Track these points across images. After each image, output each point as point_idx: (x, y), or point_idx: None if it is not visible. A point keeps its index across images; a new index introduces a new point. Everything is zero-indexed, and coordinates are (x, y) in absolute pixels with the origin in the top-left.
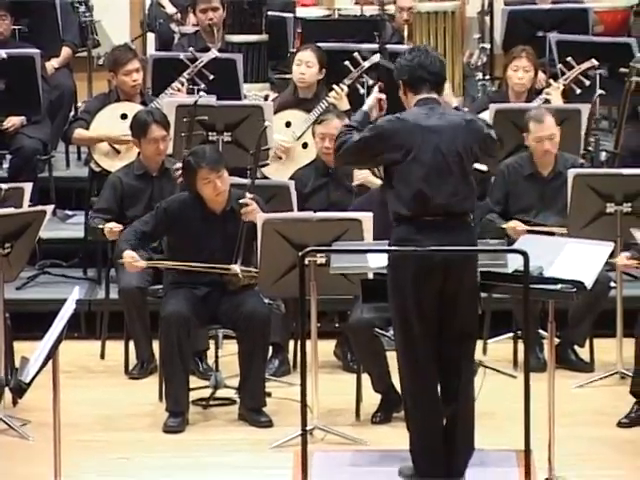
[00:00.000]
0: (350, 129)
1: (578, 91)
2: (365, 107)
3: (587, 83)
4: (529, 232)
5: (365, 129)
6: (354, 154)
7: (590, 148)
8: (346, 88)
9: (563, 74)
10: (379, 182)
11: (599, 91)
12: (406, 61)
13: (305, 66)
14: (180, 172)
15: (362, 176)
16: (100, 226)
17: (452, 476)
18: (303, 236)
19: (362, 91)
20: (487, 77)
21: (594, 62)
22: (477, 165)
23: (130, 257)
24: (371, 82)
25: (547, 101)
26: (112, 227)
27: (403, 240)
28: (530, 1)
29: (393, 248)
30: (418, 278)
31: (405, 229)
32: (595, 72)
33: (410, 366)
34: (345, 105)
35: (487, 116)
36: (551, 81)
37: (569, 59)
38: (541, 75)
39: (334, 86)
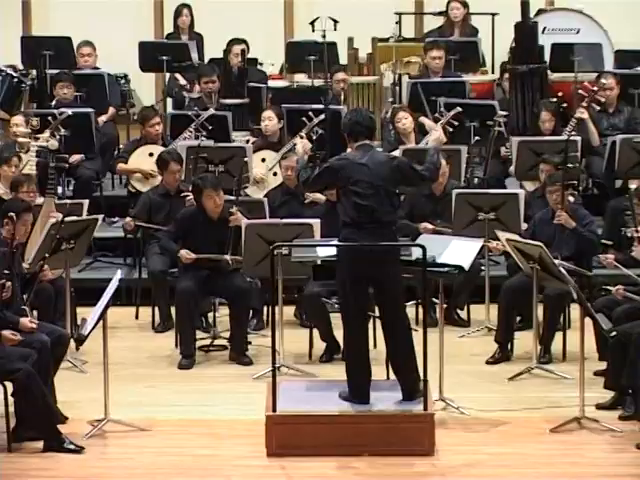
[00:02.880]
0: (307, 168)
1: (450, 129)
2: (299, 156)
3: (456, 123)
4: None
5: (321, 166)
6: (315, 183)
7: (468, 175)
8: (304, 136)
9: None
10: (324, 198)
11: (476, 137)
12: (347, 120)
13: (268, 120)
14: (190, 196)
15: (312, 194)
16: (177, 253)
17: (405, 398)
18: (273, 235)
19: (314, 137)
20: None
21: (459, 109)
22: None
23: (186, 253)
24: (321, 131)
25: None
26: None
27: (346, 238)
28: (426, 76)
29: (335, 243)
30: (352, 264)
31: (348, 231)
32: (470, 124)
33: (346, 322)
34: None
35: (398, 153)
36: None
37: (442, 109)
38: (427, 121)
39: (296, 136)
